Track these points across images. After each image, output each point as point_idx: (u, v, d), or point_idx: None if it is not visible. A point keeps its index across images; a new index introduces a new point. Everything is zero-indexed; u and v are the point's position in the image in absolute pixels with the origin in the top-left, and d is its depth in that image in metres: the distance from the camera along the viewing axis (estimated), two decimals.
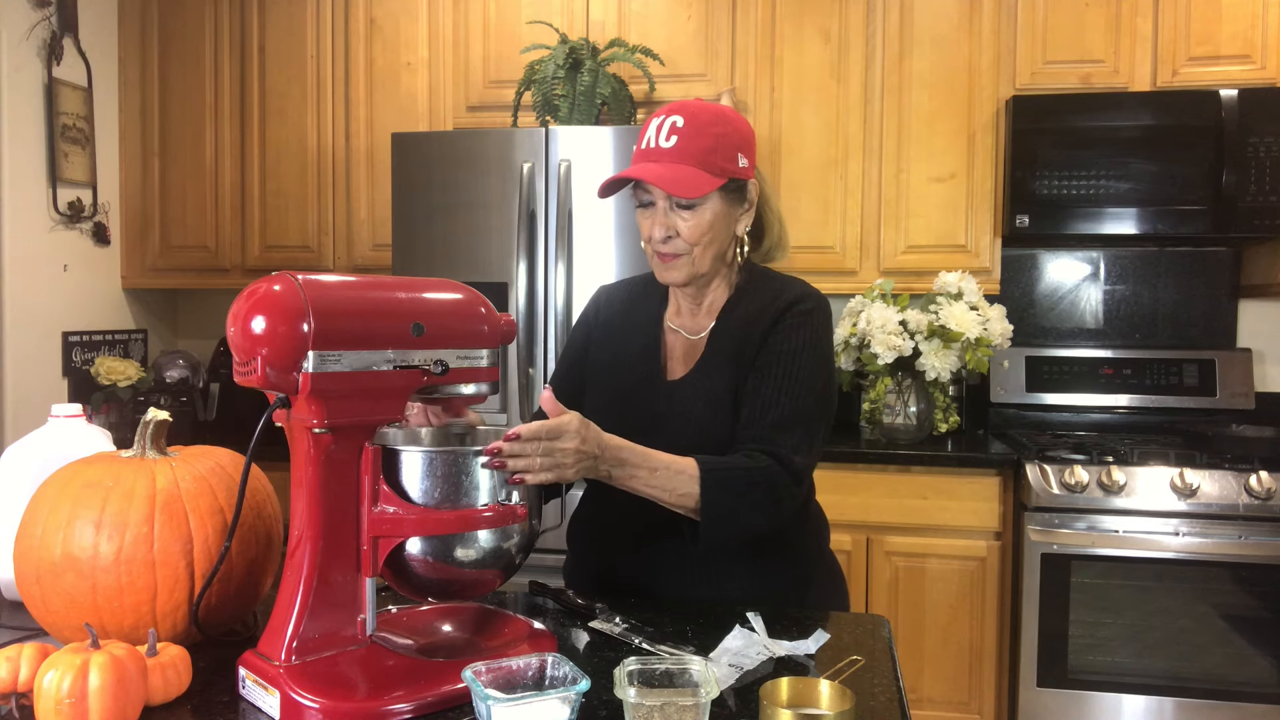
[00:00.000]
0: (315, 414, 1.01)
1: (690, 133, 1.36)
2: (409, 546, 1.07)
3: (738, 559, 1.43)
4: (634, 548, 1.46)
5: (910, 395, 2.96)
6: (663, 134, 1.37)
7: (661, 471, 1.28)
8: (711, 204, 1.38)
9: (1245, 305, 3.20)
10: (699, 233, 1.38)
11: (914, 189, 3.07)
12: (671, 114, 1.38)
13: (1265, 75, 2.88)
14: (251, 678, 1.03)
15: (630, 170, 1.37)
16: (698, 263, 1.41)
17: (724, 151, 1.37)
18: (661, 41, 3.14)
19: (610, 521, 1.48)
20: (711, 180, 1.36)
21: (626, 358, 1.51)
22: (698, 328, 1.49)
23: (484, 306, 1.17)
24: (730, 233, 1.43)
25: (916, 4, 3.04)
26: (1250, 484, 2.52)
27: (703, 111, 1.38)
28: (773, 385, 1.38)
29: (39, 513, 1.14)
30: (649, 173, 1.36)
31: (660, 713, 0.91)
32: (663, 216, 1.38)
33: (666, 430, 1.41)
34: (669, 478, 1.28)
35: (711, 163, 1.36)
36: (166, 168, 3.50)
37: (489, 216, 2.81)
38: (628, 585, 1.45)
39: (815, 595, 1.48)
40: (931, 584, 2.77)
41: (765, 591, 1.42)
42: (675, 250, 1.40)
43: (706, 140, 1.36)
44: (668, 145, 1.36)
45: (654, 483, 1.28)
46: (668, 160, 1.36)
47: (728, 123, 1.39)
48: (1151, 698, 2.59)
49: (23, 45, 3.08)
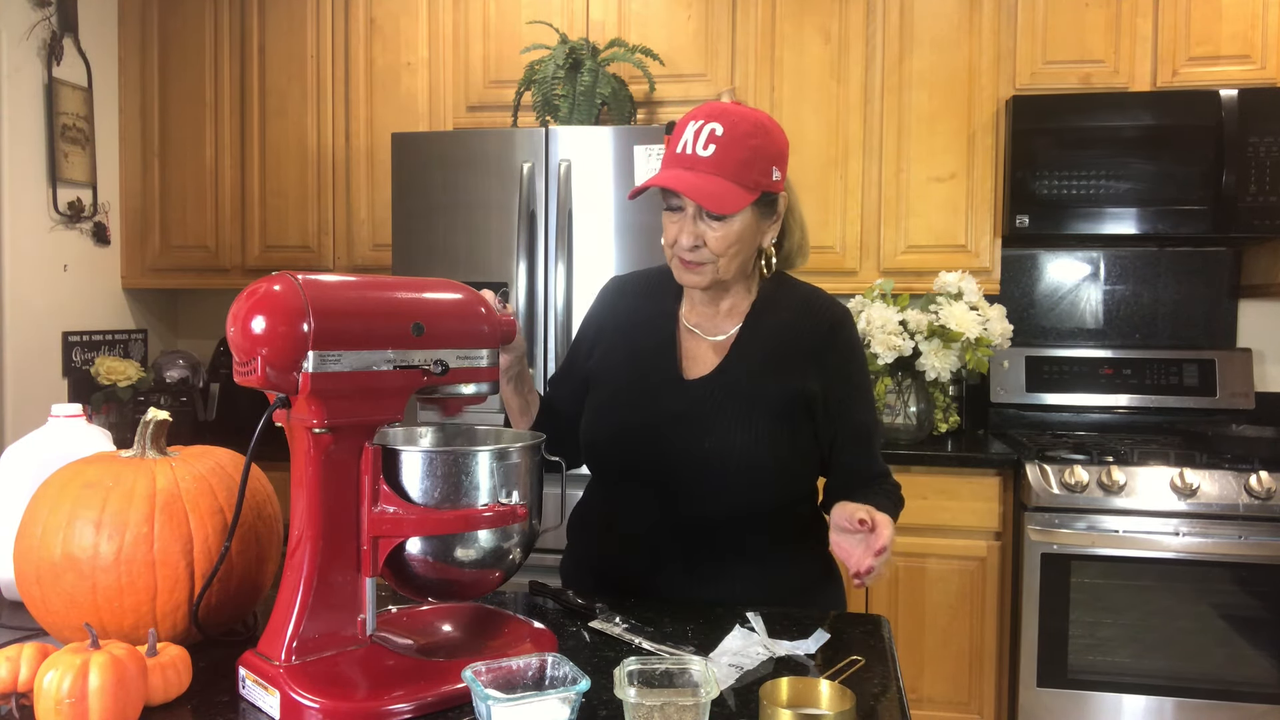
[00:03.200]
0: (315, 414, 1.01)
1: (728, 143, 1.33)
2: (409, 546, 1.07)
3: (742, 560, 1.43)
4: (636, 546, 1.45)
5: (910, 395, 2.96)
6: (700, 141, 1.34)
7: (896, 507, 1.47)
8: (742, 216, 1.36)
9: (1245, 305, 3.21)
10: (726, 244, 1.37)
11: (914, 189, 3.07)
12: (711, 120, 1.35)
13: (1265, 75, 2.88)
14: (251, 678, 1.03)
15: (666, 179, 1.35)
16: (721, 271, 1.40)
17: (760, 165, 1.35)
18: (661, 41, 3.14)
19: (613, 519, 1.48)
20: (745, 196, 1.34)
21: (640, 354, 1.49)
22: (717, 329, 1.48)
23: (484, 306, 1.17)
24: (756, 244, 1.42)
25: (916, 4, 3.04)
26: (1250, 484, 2.52)
27: (743, 121, 1.35)
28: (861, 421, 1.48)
29: (39, 513, 1.14)
30: (685, 183, 1.33)
31: (660, 713, 0.91)
32: (691, 224, 1.37)
33: (684, 428, 1.41)
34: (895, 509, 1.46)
35: (746, 176, 1.34)
36: (166, 168, 3.50)
37: (489, 216, 2.81)
38: (628, 583, 1.44)
39: (817, 596, 1.48)
40: (931, 584, 2.77)
41: (768, 592, 1.42)
42: (701, 259, 1.39)
43: (744, 153, 1.34)
44: (705, 154, 1.33)
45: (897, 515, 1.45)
46: (704, 170, 1.33)
47: (765, 134, 1.36)
48: (1151, 698, 2.59)
49: (23, 45, 3.08)
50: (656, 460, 1.42)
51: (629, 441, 1.45)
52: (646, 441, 1.43)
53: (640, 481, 1.44)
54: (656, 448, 1.42)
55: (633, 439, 1.44)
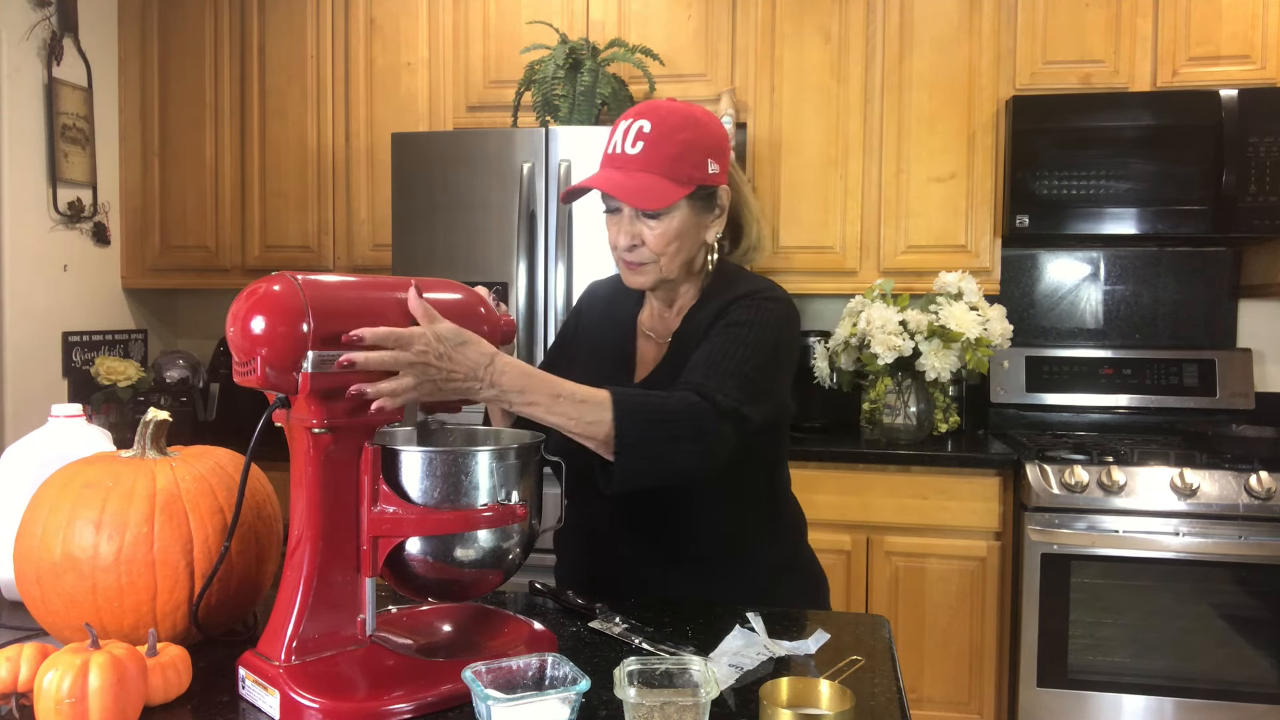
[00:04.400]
0: (315, 414, 1.01)
1: (656, 139, 1.31)
2: (409, 546, 1.07)
3: (697, 560, 1.42)
4: (599, 548, 1.45)
5: (910, 395, 2.96)
6: (629, 139, 1.33)
7: (566, 399, 1.16)
8: (679, 212, 1.35)
9: (1245, 305, 3.20)
10: (664, 242, 1.35)
11: (914, 189, 3.07)
12: (640, 117, 1.33)
13: (1265, 75, 2.88)
14: (251, 678, 1.03)
15: (593, 179, 1.34)
16: (664, 270, 1.38)
17: (692, 158, 1.33)
18: (661, 41, 3.14)
19: (581, 524, 1.45)
20: (677, 190, 1.32)
21: (600, 357, 1.50)
22: (665, 330, 1.47)
23: (484, 306, 1.17)
24: (699, 239, 1.40)
25: (916, 4, 3.04)
26: (1250, 484, 2.52)
27: (671, 115, 1.33)
28: (706, 348, 1.31)
29: (39, 513, 1.14)
30: (611, 183, 1.32)
31: (660, 713, 0.91)
32: (628, 224, 1.35)
33: None
34: (574, 405, 1.16)
35: (678, 170, 1.32)
36: (166, 168, 3.50)
37: (489, 216, 2.81)
38: (608, 589, 1.43)
39: (790, 594, 1.46)
40: (931, 584, 2.77)
41: (721, 593, 1.40)
42: (641, 259, 1.37)
43: (673, 147, 1.32)
44: (633, 152, 1.32)
45: (556, 410, 1.16)
46: (633, 168, 1.32)
47: (697, 127, 1.34)
48: (1151, 698, 2.59)
49: (23, 45, 3.08)
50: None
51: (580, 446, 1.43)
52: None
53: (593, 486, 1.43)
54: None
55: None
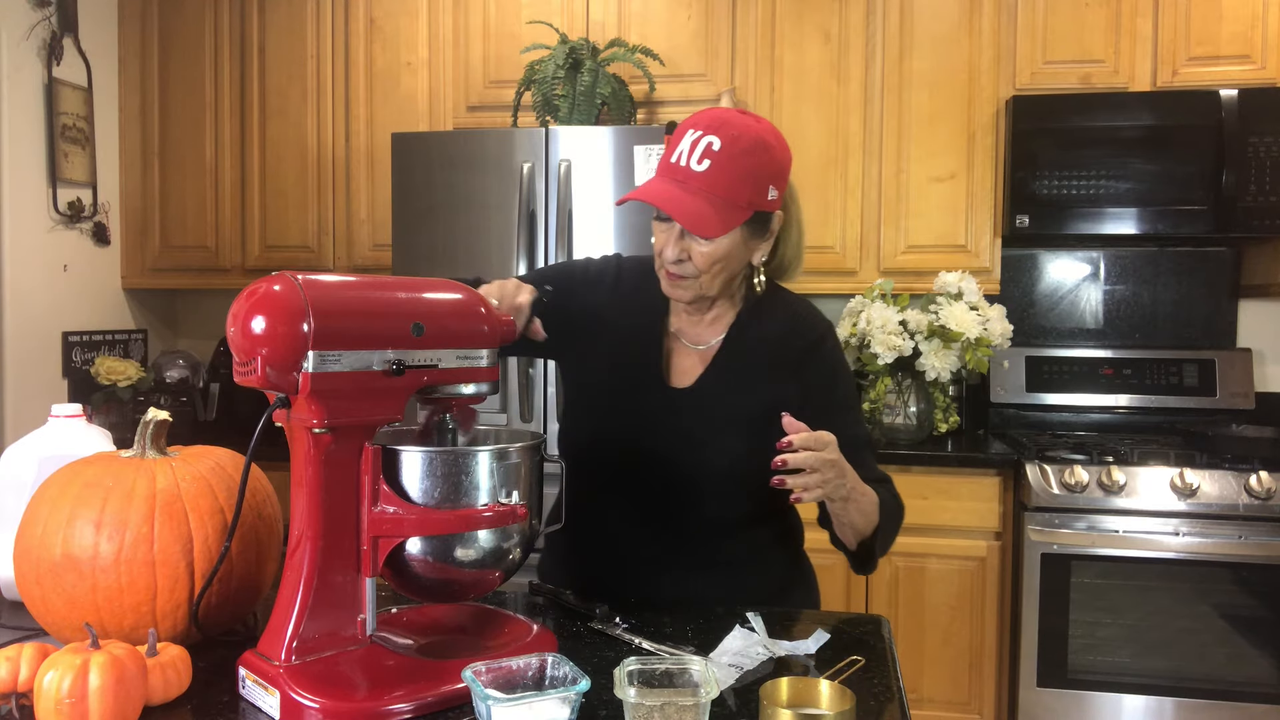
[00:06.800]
0: (315, 414, 1.01)
1: (724, 160, 1.28)
2: (409, 546, 1.07)
3: (714, 566, 1.42)
4: (611, 548, 1.45)
5: (910, 395, 2.96)
6: (696, 154, 1.29)
7: (869, 499, 1.34)
8: (730, 236, 1.33)
9: (1245, 305, 3.20)
10: (710, 262, 1.33)
11: (914, 189, 3.07)
12: (710, 132, 1.29)
13: (1265, 75, 2.88)
14: (251, 678, 1.03)
15: (653, 193, 1.31)
16: (705, 287, 1.37)
17: (755, 185, 1.30)
18: (661, 41, 3.14)
19: (590, 521, 1.46)
20: (735, 217, 1.30)
21: (625, 356, 1.48)
22: (700, 338, 1.46)
23: (484, 306, 1.17)
24: (744, 261, 1.39)
25: (916, 4, 3.04)
26: (1250, 484, 2.52)
27: (743, 136, 1.29)
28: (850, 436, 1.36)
29: (39, 513, 1.14)
30: (672, 202, 1.29)
31: (660, 713, 0.91)
32: (678, 238, 1.33)
33: (668, 437, 1.40)
34: (872, 505, 1.35)
35: (739, 195, 1.29)
36: (166, 168, 3.50)
37: (489, 216, 2.81)
38: (599, 584, 1.42)
39: (787, 600, 1.47)
40: (931, 584, 2.77)
41: (736, 598, 1.40)
42: (685, 273, 1.36)
43: (739, 171, 1.28)
44: (699, 169, 1.28)
45: (864, 508, 1.34)
46: (694, 187, 1.28)
47: (766, 151, 1.31)
48: (1151, 698, 2.59)
49: (23, 45, 3.08)
50: (636, 467, 1.41)
51: (609, 446, 1.43)
52: (628, 448, 1.41)
53: (617, 486, 1.43)
54: (638, 455, 1.40)
55: (614, 444, 1.43)
